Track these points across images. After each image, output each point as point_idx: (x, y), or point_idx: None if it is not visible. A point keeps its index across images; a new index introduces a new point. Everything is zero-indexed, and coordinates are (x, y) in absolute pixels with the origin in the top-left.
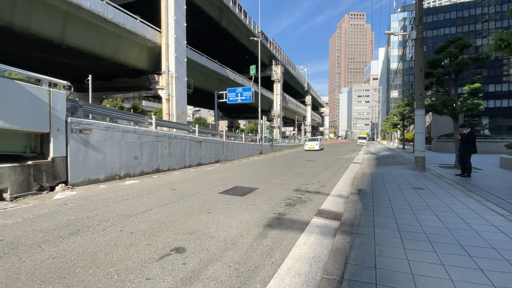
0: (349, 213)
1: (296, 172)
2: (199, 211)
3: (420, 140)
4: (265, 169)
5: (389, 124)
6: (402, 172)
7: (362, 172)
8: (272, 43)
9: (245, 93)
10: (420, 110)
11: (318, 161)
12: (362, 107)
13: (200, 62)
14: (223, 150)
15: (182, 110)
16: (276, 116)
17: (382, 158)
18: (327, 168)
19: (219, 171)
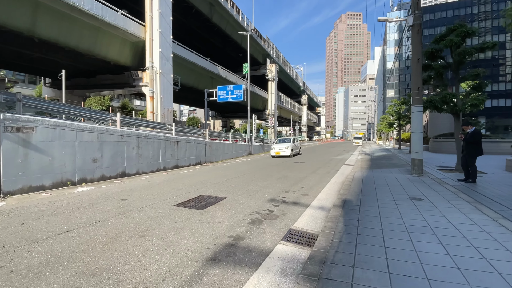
0: (324, 238)
1: (280, 176)
2: (132, 233)
3: (417, 140)
4: (247, 172)
5: (385, 124)
6: (397, 176)
7: (352, 176)
8: (266, 41)
9: (236, 91)
10: (418, 106)
11: (308, 163)
12: (358, 107)
13: (189, 58)
14: (206, 151)
15: (167, 108)
16: (270, 115)
17: (376, 159)
18: (316, 171)
19: (194, 175)
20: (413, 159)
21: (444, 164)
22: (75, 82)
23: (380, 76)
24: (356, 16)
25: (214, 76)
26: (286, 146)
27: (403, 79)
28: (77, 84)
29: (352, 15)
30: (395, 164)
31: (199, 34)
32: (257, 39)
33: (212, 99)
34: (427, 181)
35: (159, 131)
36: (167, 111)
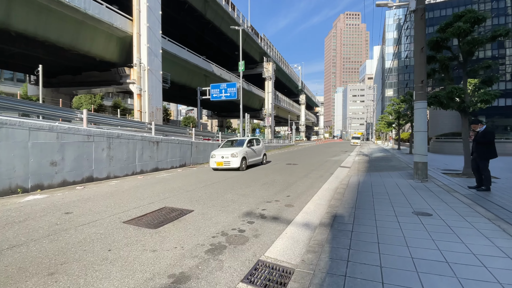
0: (298, 284)
1: (266, 181)
2: (41, 268)
3: (421, 140)
4: (231, 175)
5: (383, 123)
6: (398, 181)
7: (347, 181)
8: (263, 39)
9: (230, 89)
10: (421, 102)
11: (301, 165)
12: (357, 107)
13: (181, 55)
14: (192, 152)
15: (156, 107)
16: (267, 115)
17: (375, 160)
18: (308, 174)
19: (172, 179)
20: (416, 162)
21: (449, 167)
22: (61, 80)
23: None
24: (354, 16)
25: (208, 74)
26: (233, 153)
27: (402, 78)
28: (63, 81)
29: (350, 15)
30: (395, 167)
31: (193, 32)
32: (254, 37)
33: (205, 98)
34: (433, 188)
35: (136, 130)
36: (155, 110)
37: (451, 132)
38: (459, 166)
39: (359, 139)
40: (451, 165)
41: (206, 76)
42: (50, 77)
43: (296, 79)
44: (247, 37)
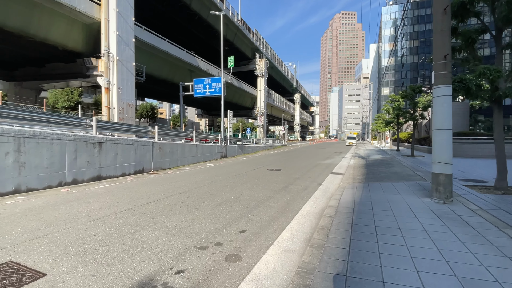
0: None
1: (225, 199)
2: None
3: (443, 142)
4: (188, 188)
5: (380, 122)
6: (409, 201)
7: (339, 198)
8: (255, 34)
9: (215, 85)
10: (444, 87)
11: (285, 170)
12: (353, 106)
13: (160, 47)
14: (154, 155)
15: (127, 102)
16: (259, 113)
17: (373, 165)
18: (288, 186)
19: (97, 196)
20: (435, 174)
21: (467, 176)
22: (24, 72)
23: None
24: (350, 16)
25: (193, 69)
26: None
27: (399, 77)
28: (26, 74)
29: (346, 15)
30: (399, 174)
31: (181, 25)
32: (245, 31)
33: (189, 94)
34: (467, 217)
35: (63, 128)
36: (126, 106)
37: (455, 132)
38: (478, 173)
39: (354, 139)
40: (468, 172)
41: (191, 71)
42: (11, 69)
43: (290, 78)
44: (237, 32)
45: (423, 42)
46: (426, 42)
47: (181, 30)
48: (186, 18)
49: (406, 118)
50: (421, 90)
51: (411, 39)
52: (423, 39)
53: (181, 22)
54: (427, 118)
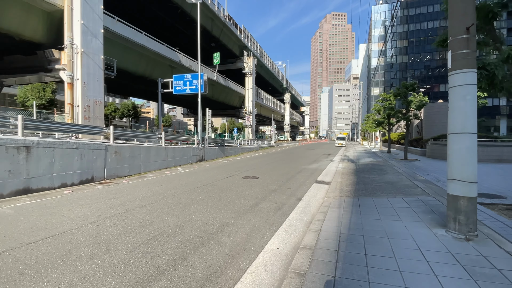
0: None
1: (163, 230)
2: None
3: (466, 152)
4: (121, 209)
5: (370, 123)
6: (417, 236)
7: (319, 227)
8: (243, 31)
9: (196, 82)
10: (466, 72)
11: (263, 178)
12: (342, 107)
13: (136, 40)
14: (107, 161)
15: (94, 99)
16: (248, 113)
17: (363, 171)
18: (258, 203)
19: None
20: (453, 197)
21: None
22: None
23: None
24: (341, 17)
25: (174, 65)
26: None
27: (388, 77)
28: None
29: (337, 15)
30: (395, 185)
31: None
32: (232, 27)
33: (168, 91)
34: (506, 269)
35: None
36: (93, 103)
37: None
38: (488, 184)
39: (344, 140)
40: None
41: (173, 67)
42: None
43: (280, 77)
44: (224, 28)
45: (413, 42)
46: (415, 42)
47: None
48: (169, 12)
49: (398, 118)
50: (414, 88)
51: (400, 39)
52: (412, 39)
53: (165, 17)
54: (421, 118)
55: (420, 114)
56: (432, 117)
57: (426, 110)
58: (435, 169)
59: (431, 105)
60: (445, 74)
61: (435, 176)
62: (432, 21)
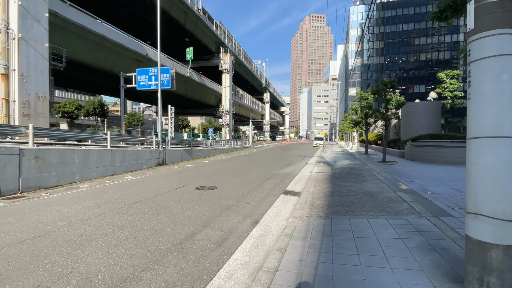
0: None
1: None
2: None
3: (500, 168)
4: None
5: (347, 123)
6: None
7: (272, 275)
8: (219, 27)
9: (162, 76)
10: (501, 33)
11: (222, 189)
12: (321, 107)
13: (93, 28)
14: (23, 169)
15: (37, 94)
16: (225, 112)
17: (340, 177)
18: (197, 233)
19: None
20: (476, 244)
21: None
22: None
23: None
24: (320, 19)
25: (141, 59)
26: None
27: (365, 77)
28: None
29: (316, 17)
30: (376, 198)
31: (134, 13)
32: (207, 22)
33: (131, 86)
34: None
35: None
36: (35, 98)
37: (428, 134)
38: None
39: (322, 140)
40: (457, 184)
41: (139, 61)
42: None
43: (260, 76)
44: (198, 22)
45: (389, 44)
46: (391, 43)
47: (134, 18)
48: (135, 2)
49: (376, 118)
50: (394, 86)
51: (377, 40)
52: (388, 41)
53: (133, 7)
54: (400, 117)
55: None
56: (409, 117)
57: (403, 110)
58: (417, 174)
59: (408, 105)
60: (419, 76)
61: (419, 184)
62: (407, 23)
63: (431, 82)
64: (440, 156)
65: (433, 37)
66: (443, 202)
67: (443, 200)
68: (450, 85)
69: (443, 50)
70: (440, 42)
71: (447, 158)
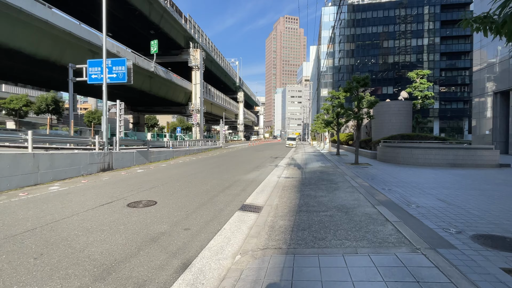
0: None
1: None
2: None
3: None
4: None
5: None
6: None
7: None
8: (189, 21)
9: (116, 68)
10: None
11: (163, 205)
12: (295, 108)
13: (34, 12)
14: None
15: None
16: (195, 110)
17: (310, 184)
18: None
19: None
20: None
21: (468, 217)
22: None
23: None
24: (293, 20)
25: (96, 50)
26: None
27: (336, 78)
28: None
29: (290, 19)
30: (351, 213)
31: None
32: (174, 14)
33: (81, 80)
34: None
35: None
36: None
37: (399, 135)
38: (479, 208)
39: (294, 140)
40: (457, 204)
41: (94, 52)
42: None
43: (233, 75)
44: (164, 13)
45: (359, 46)
46: (361, 45)
47: (93, 6)
48: None
49: (348, 117)
50: (366, 83)
51: (348, 41)
52: (359, 43)
53: None
54: (373, 117)
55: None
56: (381, 117)
57: (375, 109)
58: (395, 180)
59: (380, 104)
60: (388, 78)
61: (399, 193)
62: (376, 26)
63: (398, 84)
64: (413, 158)
65: (401, 41)
66: (434, 221)
67: (432, 217)
68: (421, 85)
69: (409, 53)
70: (406, 45)
71: (421, 160)
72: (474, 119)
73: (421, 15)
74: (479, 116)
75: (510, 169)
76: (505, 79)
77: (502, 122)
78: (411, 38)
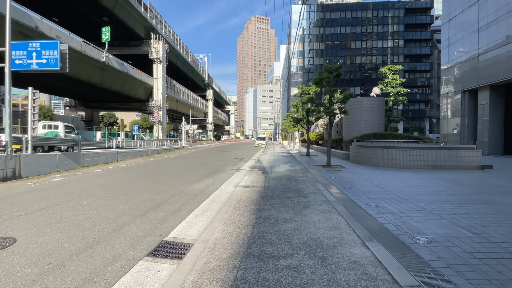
0: None
1: None
2: None
3: None
4: None
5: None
6: None
7: None
8: (150, 10)
9: (47, 53)
10: None
11: (28, 244)
12: (266, 107)
13: None
14: None
15: None
16: (157, 107)
17: (273, 196)
18: None
19: None
20: None
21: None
22: None
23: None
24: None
25: (29, 33)
26: None
27: (306, 78)
28: None
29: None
30: (328, 261)
31: None
32: (132, 1)
33: (1, 66)
34: None
35: None
36: None
37: (372, 133)
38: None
39: (264, 140)
40: (456, 235)
41: (27, 35)
42: None
43: (202, 72)
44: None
45: (328, 46)
46: (330, 46)
47: None
48: None
49: (320, 112)
50: (339, 74)
51: (317, 41)
52: (328, 43)
53: None
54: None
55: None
56: (352, 114)
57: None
58: (378, 189)
59: (352, 101)
60: (355, 78)
61: (392, 213)
62: (344, 27)
63: (365, 84)
64: (391, 159)
65: (367, 42)
66: (467, 276)
67: (458, 266)
68: (393, 81)
69: (375, 55)
70: (372, 47)
71: (399, 162)
72: (443, 118)
73: (386, 17)
74: (447, 114)
75: (495, 171)
76: (473, 78)
77: (470, 121)
78: (377, 40)
